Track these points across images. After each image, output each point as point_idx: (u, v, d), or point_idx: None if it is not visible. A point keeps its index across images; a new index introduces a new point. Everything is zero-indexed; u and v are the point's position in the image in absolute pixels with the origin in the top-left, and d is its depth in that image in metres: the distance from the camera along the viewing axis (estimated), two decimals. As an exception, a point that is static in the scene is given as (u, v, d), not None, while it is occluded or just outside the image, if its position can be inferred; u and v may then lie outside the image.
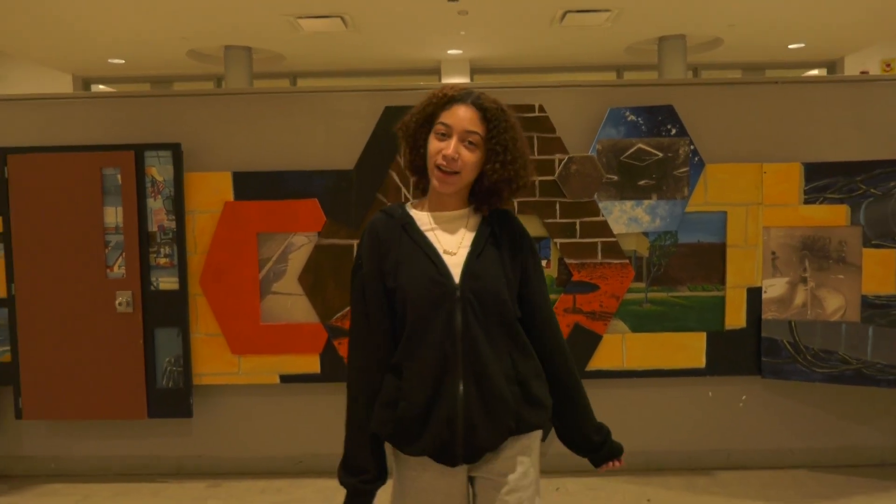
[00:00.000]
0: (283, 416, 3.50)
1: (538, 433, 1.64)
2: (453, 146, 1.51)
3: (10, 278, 3.40)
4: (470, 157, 1.53)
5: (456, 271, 1.54)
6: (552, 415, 1.65)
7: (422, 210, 1.64)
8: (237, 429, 3.51)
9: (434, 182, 1.56)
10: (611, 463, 1.71)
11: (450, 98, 1.56)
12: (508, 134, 1.54)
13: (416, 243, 1.57)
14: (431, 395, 1.52)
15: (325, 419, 3.47)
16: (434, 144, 1.54)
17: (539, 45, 9.29)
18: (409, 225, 1.60)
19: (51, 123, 3.45)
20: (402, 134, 1.62)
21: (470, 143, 1.52)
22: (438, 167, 1.53)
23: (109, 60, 9.61)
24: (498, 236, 1.60)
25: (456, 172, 1.52)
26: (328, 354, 3.41)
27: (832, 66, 10.46)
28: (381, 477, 1.62)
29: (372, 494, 1.62)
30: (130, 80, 10.66)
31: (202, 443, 3.52)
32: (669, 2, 7.35)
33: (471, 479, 1.62)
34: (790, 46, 9.59)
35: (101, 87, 10.84)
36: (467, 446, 1.52)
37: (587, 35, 8.71)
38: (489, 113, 1.53)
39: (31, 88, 10.03)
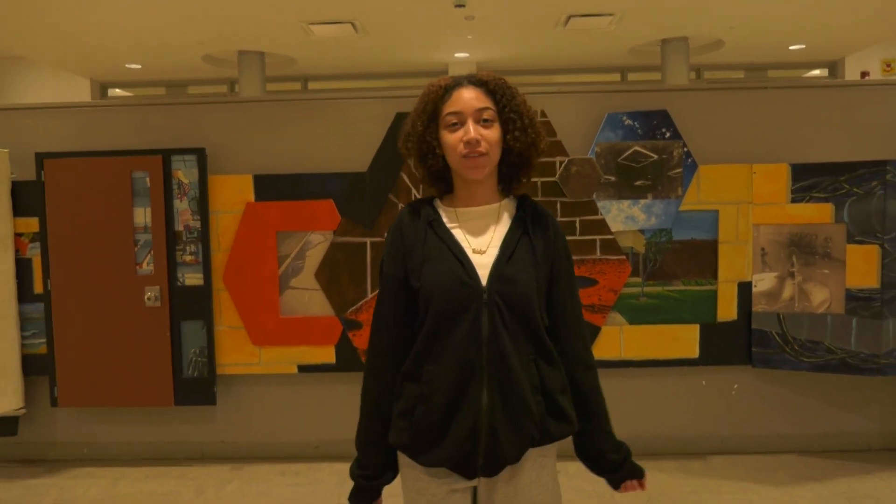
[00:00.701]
0: (301, 403, 3.72)
1: (555, 445, 1.56)
2: (472, 129, 1.44)
3: (46, 275, 3.63)
4: (491, 134, 1.46)
5: (483, 272, 1.45)
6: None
7: (450, 206, 1.55)
8: (258, 416, 3.73)
9: (464, 173, 1.49)
10: (630, 483, 1.60)
11: (446, 87, 1.49)
12: (517, 99, 1.49)
13: (443, 241, 1.48)
14: (453, 401, 1.44)
15: (340, 407, 3.68)
16: (449, 137, 1.47)
17: (544, 47, 9.47)
18: (436, 221, 1.52)
19: (84, 130, 3.68)
20: (410, 146, 1.54)
21: (485, 120, 1.46)
22: (464, 156, 1.45)
23: (127, 65, 9.88)
24: (531, 236, 1.50)
25: (484, 154, 1.45)
26: (343, 346, 3.62)
27: (833, 66, 10.58)
28: (384, 475, 1.57)
29: (376, 491, 1.58)
30: (147, 84, 10.92)
31: (225, 429, 3.74)
32: (671, 5, 7.51)
33: (478, 492, 1.55)
34: (791, 47, 9.73)
35: (118, 91, 11.11)
36: (488, 457, 1.44)
37: (591, 38, 8.88)
38: (491, 85, 1.48)
39: (50, 92, 10.30)
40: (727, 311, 3.60)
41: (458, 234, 1.50)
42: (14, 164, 3.61)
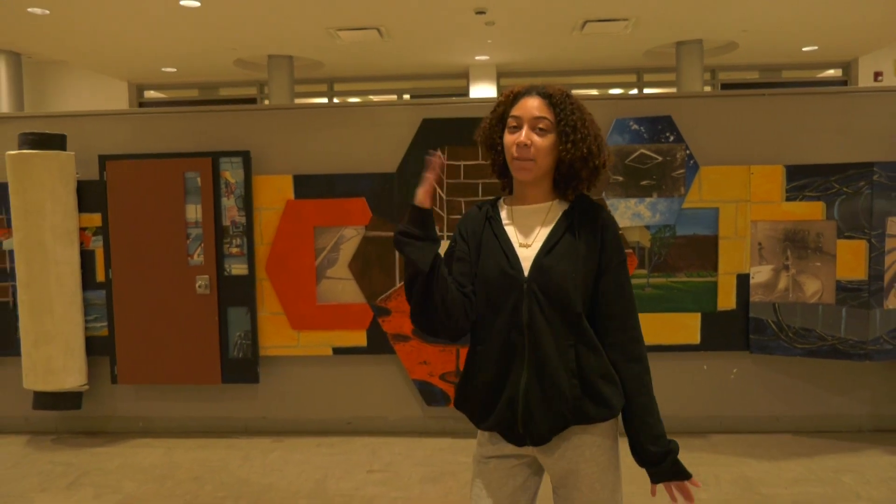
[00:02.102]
0: (335, 382, 4.09)
1: (608, 428, 1.61)
2: (525, 133, 1.56)
3: (107, 265, 4.03)
4: (542, 142, 1.57)
5: (527, 264, 1.58)
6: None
7: (509, 205, 1.69)
8: (296, 393, 4.11)
9: (513, 172, 1.62)
10: (673, 487, 1.61)
11: (516, 94, 1.63)
12: (576, 115, 1.57)
13: (496, 235, 1.63)
14: (498, 378, 1.59)
15: (371, 386, 4.06)
16: (508, 138, 1.60)
17: (561, 51, 9.76)
18: (493, 218, 1.67)
19: (141, 134, 4.08)
20: (480, 139, 1.71)
21: (540, 129, 1.57)
22: (515, 158, 1.58)
23: (162, 69, 10.35)
24: (576, 230, 1.59)
25: (531, 159, 1.57)
26: (374, 330, 3.98)
27: (846, 66, 10.74)
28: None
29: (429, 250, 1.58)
30: (181, 86, 11.41)
31: (267, 405, 4.12)
32: (685, 9, 7.76)
33: (542, 470, 1.68)
34: (804, 49, 9.91)
35: (153, 93, 11.59)
36: (526, 428, 1.57)
37: (607, 41, 9.15)
38: (554, 98, 1.58)
39: (90, 95, 10.79)
40: (727, 300, 3.90)
41: (510, 230, 1.64)
42: (79, 165, 4.02)
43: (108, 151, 4.02)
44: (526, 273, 1.57)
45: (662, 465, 1.59)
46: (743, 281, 3.87)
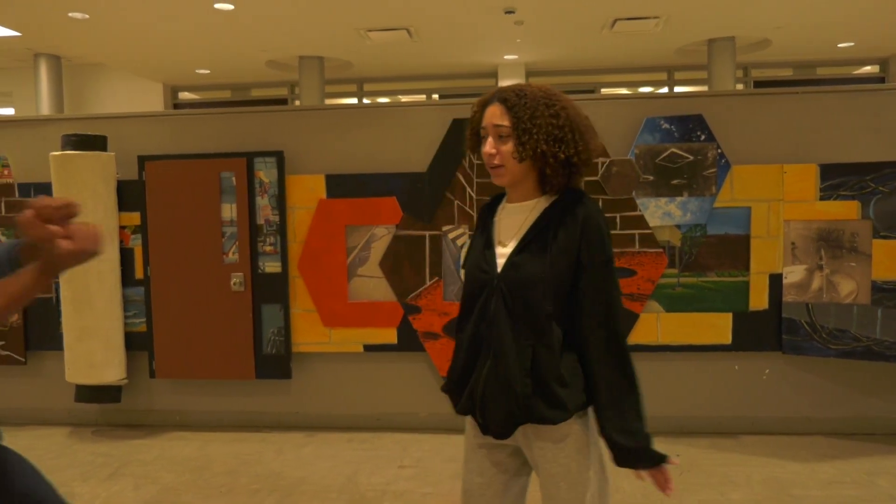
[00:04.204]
0: (366, 379, 4.15)
1: (573, 428, 1.61)
2: (489, 143, 1.62)
3: (146, 262, 4.15)
4: (505, 148, 1.60)
5: (502, 261, 1.63)
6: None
7: (506, 201, 1.74)
8: (328, 389, 4.18)
9: (492, 180, 1.68)
10: (651, 474, 1.60)
11: (482, 103, 1.67)
12: (526, 114, 1.57)
13: (484, 231, 1.72)
14: (465, 367, 1.68)
15: (401, 383, 4.11)
16: (481, 148, 1.66)
17: (590, 49, 9.73)
18: (488, 213, 1.75)
19: (179, 135, 4.18)
20: (469, 149, 1.76)
21: (500, 136, 1.60)
22: (487, 166, 1.65)
23: (196, 70, 10.55)
24: (554, 227, 1.60)
25: (500, 165, 1.62)
26: (404, 328, 4.04)
27: (883, 63, 10.52)
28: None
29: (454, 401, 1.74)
30: (214, 87, 11.63)
31: (299, 400, 4.20)
32: (717, 6, 7.68)
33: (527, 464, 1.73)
34: (840, 45, 9.73)
35: (187, 94, 11.82)
36: (483, 418, 1.64)
37: (637, 39, 9.10)
38: (509, 102, 1.59)
39: (126, 96, 11.04)
40: (759, 300, 3.87)
41: (498, 226, 1.70)
42: (119, 165, 4.13)
43: (147, 152, 4.13)
44: (499, 270, 1.62)
45: (641, 459, 1.58)
46: (775, 281, 3.84)
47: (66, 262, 1.24)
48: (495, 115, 1.60)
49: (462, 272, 1.85)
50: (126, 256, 4.20)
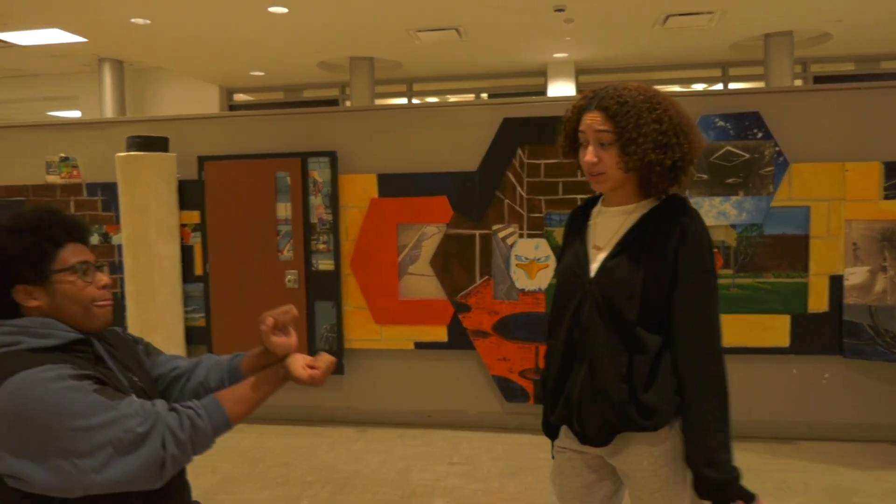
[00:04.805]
0: (417, 376, 4.20)
1: (668, 438, 1.56)
2: (590, 151, 1.57)
3: (205, 260, 4.29)
4: (608, 156, 1.55)
5: (595, 266, 1.60)
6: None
7: (602, 205, 1.70)
8: (379, 386, 4.24)
9: (592, 186, 1.64)
10: None
11: (578, 109, 1.62)
12: (633, 122, 1.52)
13: (577, 235, 1.69)
14: (560, 374, 1.65)
15: (451, 380, 4.15)
16: (580, 154, 1.62)
17: (642, 46, 9.57)
18: (582, 216, 1.72)
19: (236, 136, 4.31)
20: (563, 154, 1.71)
21: (602, 143, 1.55)
22: (587, 173, 1.61)
23: (251, 73, 10.81)
24: (650, 235, 1.56)
25: (602, 173, 1.57)
26: (454, 326, 4.07)
27: (954, 56, 10.05)
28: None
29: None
30: (267, 89, 11.88)
31: (351, 396, 4.28)
32: (773, 0, 7.48)
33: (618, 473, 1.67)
34: (906, 38, 9.35)
35: (242, 96, 12.13)
36: (580, 426, 1.60)
37: (690, 35, 8.92)
38: (610, 111, 1.54)
39: (183, 98, 11.40)
40: (818, 302, 3.77)
41: (591, 230, 1.67)
42: (180, 165, 4.28)
43: (206, 153, 4.27)
44: (592, 274, 1.60)
45: (722, 492, 1.50)
46: (836, 282, 3.73)
47: (304, 383, 1.49)
48: (596, 121, 1.55)
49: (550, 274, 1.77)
50: (186, 253, 4.35)
